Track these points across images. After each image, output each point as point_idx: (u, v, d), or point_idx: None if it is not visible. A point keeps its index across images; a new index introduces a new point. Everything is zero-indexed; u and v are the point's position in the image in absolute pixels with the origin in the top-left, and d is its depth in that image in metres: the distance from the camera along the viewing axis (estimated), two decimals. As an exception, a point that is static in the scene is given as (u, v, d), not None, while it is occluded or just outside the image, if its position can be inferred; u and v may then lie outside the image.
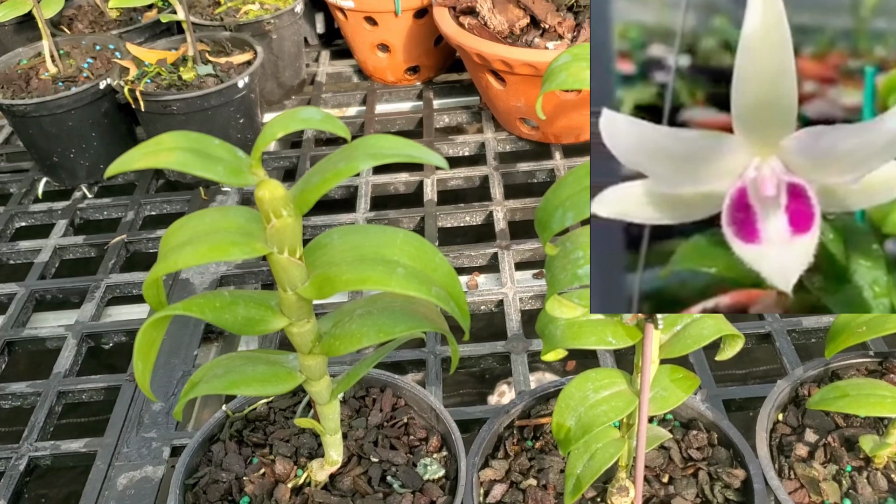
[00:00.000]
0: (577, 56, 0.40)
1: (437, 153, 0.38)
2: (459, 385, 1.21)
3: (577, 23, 1.04)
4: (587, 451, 0.50)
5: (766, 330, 0.81)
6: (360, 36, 1.25)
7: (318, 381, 0.47)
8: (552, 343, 0.47)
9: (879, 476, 0.52)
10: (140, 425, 0.77)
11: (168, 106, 1.01)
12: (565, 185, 0.42)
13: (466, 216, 1.04)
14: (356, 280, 0.39)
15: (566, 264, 0.44)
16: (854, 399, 0.50)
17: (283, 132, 0.35)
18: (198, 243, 0.39)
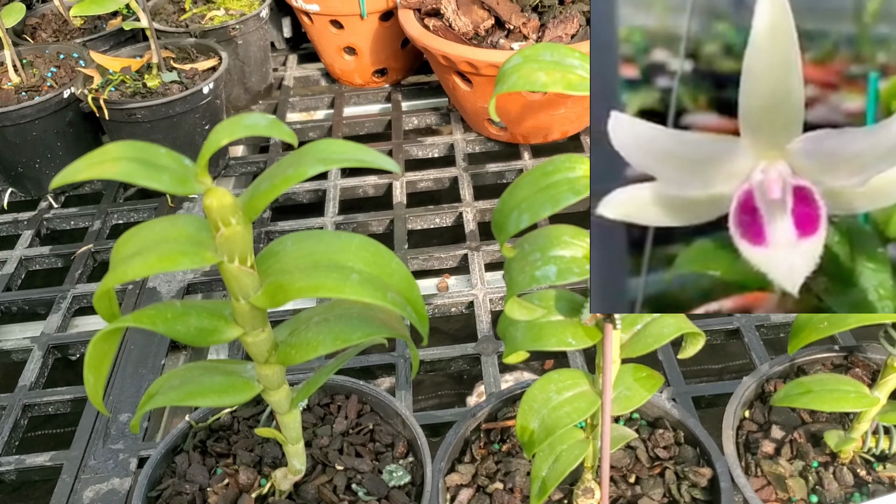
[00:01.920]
0: (529, 57, 0.40)
1: (388, 158, 0.38)
2: (438, 387, 1.21)
3: (542, 23, 1.03)
4: (552, 453, 0.50)
5: (735, 326, 0.81)
6: (326, 39, 1.24)
7: (276, 390, 0.46)
8: (513, 345, 0.47)
9: (846, 471, 0.52)
10: (107, 437, 0.76)
11: (132, 114, 1.00)
12: (521, 188, 0.42)
13: (436, 218, 1.03)
14: (309, 287, 0.39)
15: (524, 266, 0.43)
16: (817, 395, 0.50)
17: (228, 139, 0.35)
18: (147, 254, 0.38)
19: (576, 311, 0.46)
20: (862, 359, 0.59)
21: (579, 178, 0.41)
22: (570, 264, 0.43)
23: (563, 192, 0.40)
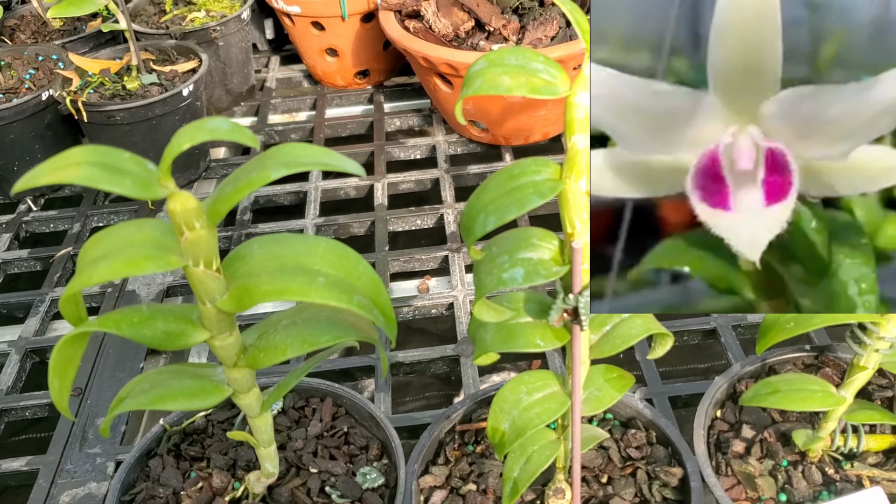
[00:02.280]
0: (493, 62, 0.40)
1: (353, 161, 0.38)
2: (425, 388, 1.21)
3: (522, 25, 1.04)
4: (524, 454, 0.50)
5: (712, 326, 0.82)
6: (308, 41, 1.24)
7: (246, 393, 0.46)
8: (483, 347, 0.47)
9: (814, 470, 0.53)
10: (84, 441, 0.76)
11: (112, 116, 1.00)
12: (487, 191, 0.42)
13: (417, 219, 1.03)
14: (275, 291, 0.39)
15: (492, 268, 0.44)
16: (785, 395, 0.50)
17: (190, 143, 0.35)
18: (112, 258, 0.38)
19: (544, 312, 0.47)
20: (832, 358, 0.59)
21: (545, 181, 0.41)
22: (538, 266, 0.43)
23: (529, 194, 0.40)
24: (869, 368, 0.49)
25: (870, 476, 0.52)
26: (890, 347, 0.48)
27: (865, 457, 0.54)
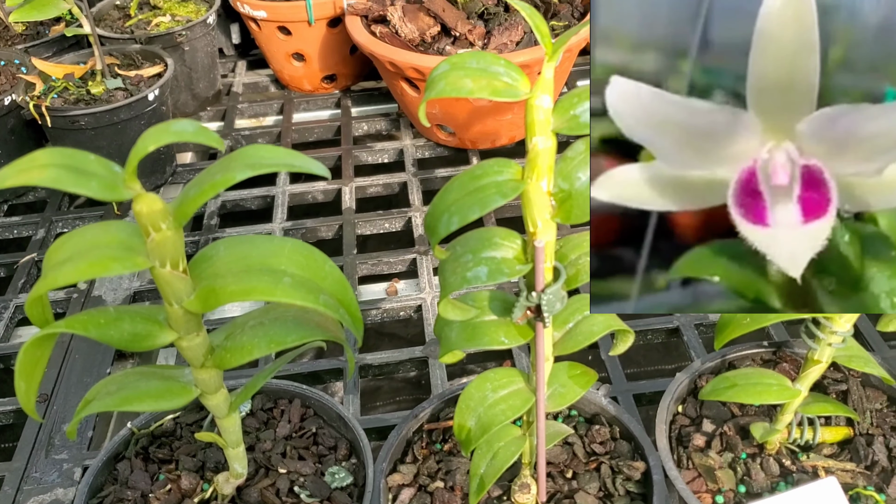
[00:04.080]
0: (455, 65, 0.41)
1: (318, 162, 0.39)
2: (394, 391, 1.21)
3: (488, 30, 1.05)
4: (490, 451, 0.51)
5: (675, 324, 0.83)
6: (274, 46, 1.24)
7: (214, 394, 0.47)
8: (448, 345, 0.48)
9: (772, 462, 0.54)
10: (51, 447, 0.76)
11: (76, 121, 0.99)
12: (450, 191, 0.43)
13: (385, 223, 1.04)
14: (241, 291, 0.39)
15: (456, 268, 0.44)
16: (742, 388, 0.52)
17: (156, 145, 0.35)
18: (78, 260, 0.38)
19: (509, 310, 0.47)
20: (790, 353, 0.61)
21: (507, 182, 0.42)
22: (501, 265, 0.44)
23: (491, 194, 0.41)
24: (822, 362, 0.51)
25: (825, 467, 0.54)
26: (842, 342, 0.50)
27: (821, 448, 0.56)
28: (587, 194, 0.41)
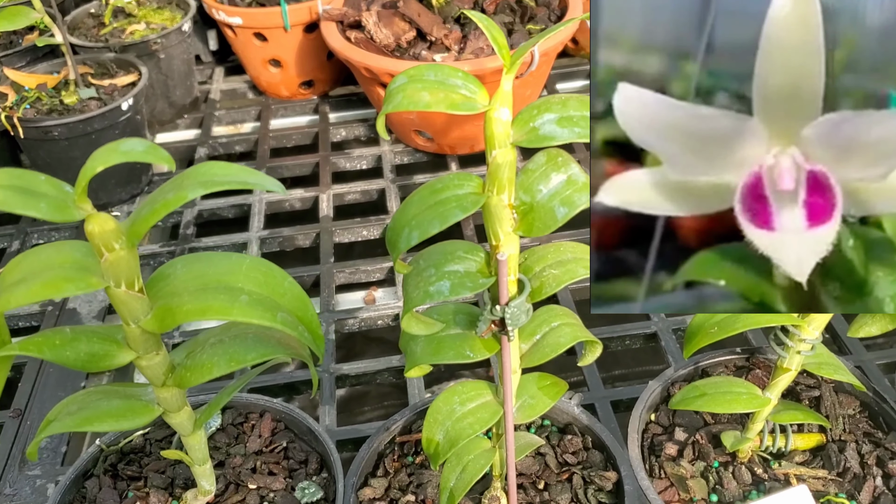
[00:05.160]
0: (413, 77, 0.41)
1: (272, 178, 0.38)
2: (372, 400, 1.20)
3: (464, 34, 1.04)
4: (459, 464, 0.51)
5: (652, 330, 0.83)
6: (250, 52, 1.24)
7: (177, 412, 0.46)
8: (413, 359, 0.47)
9: (744, 470, 0.54)
10: (23, 463, 0.75)
11: (49, 132, 0.98)
12: (411, 205, 0.43)
13: (363, 230, 1.03)
14: (197, 310, 0.39)
15: (419, 282, 0.44)
16: (712, 398, 0.51)
17: (103, 166, 0.35)
18: (31, 281, 0.38)
19: (474, 323, 0.47)
20: (763, 360, 0.61)
21: (467, 195, 0.41)
22: (464, 279, 0.43)
23: (452, 209, 0.41)
24: (792, 370, 0.51)
25: (796, 474, 0.54)
26: (811, 349, 0.50)
27: (793, 455, 0.55)
28: (548, 206, 0.41)
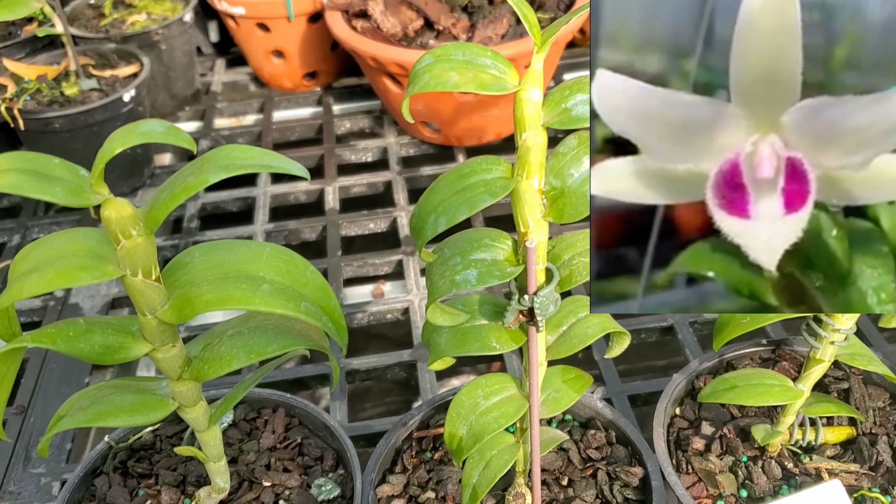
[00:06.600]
0: (440, 57, 0.39)
1: (296, 163, 0.37)
2: (383, 394, 1.19)
3: (472, 23, 1.03)
4: (482, 460, 0.49)
5: (669, 323, 0.81)
6: (253, 43, 1.22)
7: (192, 407, 0.45)
8: (437, 352, 0.46)
9: (773, 464, 0.53)
10: (28, 461, 0.73)
11: (50, 123, 0.96)
12: (437, 191, 0.41)
13: (370, 223, 1.02)
14: (217, 300, 0.37)
15: (444, 271, 0.42)
16: (743, 390, 0.50)
17: (122, 147, 0.33)
18: (44, 270, 0.36)
19: (500, 314, 0.45)
20: (789, 352, 0.59)
21: (496, 180, 0.40)
22: (491, 267, 0.42)
23: (480, 194, 0.39)
24: (825, 361, 0.49)
25: (828, 468, 0.52)
26: (845, 339, 0.48)
27: (824, 449, 0.54)
28: (580, 191, 0.39)
